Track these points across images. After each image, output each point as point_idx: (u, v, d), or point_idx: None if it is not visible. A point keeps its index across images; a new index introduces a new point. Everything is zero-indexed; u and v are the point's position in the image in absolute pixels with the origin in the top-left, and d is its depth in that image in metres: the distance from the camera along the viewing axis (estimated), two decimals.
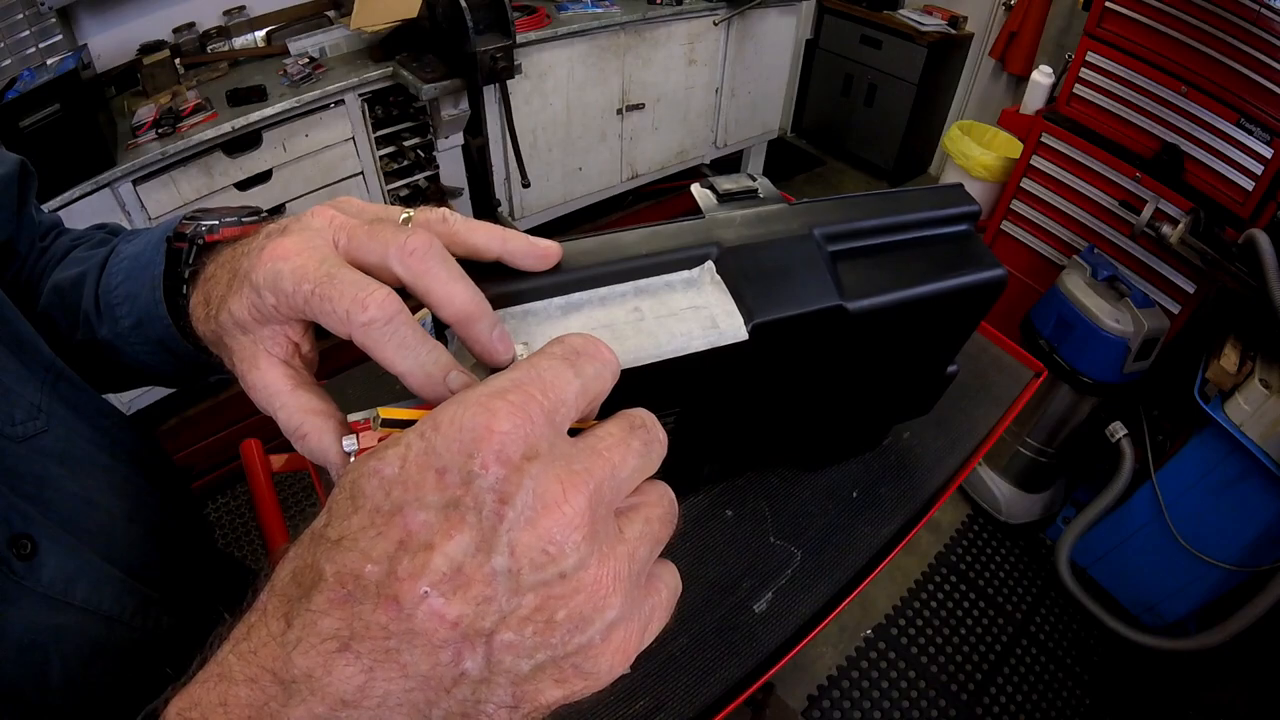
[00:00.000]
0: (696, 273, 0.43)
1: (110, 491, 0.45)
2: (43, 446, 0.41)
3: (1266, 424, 1.42)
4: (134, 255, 0.46)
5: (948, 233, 0.52)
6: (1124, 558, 1.80)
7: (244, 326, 0.32)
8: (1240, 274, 1.48)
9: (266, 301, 0.30)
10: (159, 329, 0.44)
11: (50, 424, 0.42)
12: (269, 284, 0.30)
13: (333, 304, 0.28)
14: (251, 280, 0.30)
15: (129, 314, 0.45)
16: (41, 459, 0.41)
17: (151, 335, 0.45)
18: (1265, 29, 1.47)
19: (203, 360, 0.42)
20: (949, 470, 0.76)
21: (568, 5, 2.45)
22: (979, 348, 0.88)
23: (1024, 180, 2.03)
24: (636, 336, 0.38)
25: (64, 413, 0.44)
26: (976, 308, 0.55)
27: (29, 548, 0.38)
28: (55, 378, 0.45)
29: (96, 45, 1.87)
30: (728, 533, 0.68)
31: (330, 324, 0.29)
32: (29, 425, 0.41)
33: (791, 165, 3.77)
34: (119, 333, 0.46)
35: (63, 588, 0.39)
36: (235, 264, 0.34)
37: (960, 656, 1.80)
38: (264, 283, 0.30)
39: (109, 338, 0.47)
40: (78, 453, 0.44)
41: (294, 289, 0.29)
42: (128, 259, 0.46)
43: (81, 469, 0.44)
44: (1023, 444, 1.95)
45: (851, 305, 0.46)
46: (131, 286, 0.45)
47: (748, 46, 2.87)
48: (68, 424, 0.44)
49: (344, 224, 0.31)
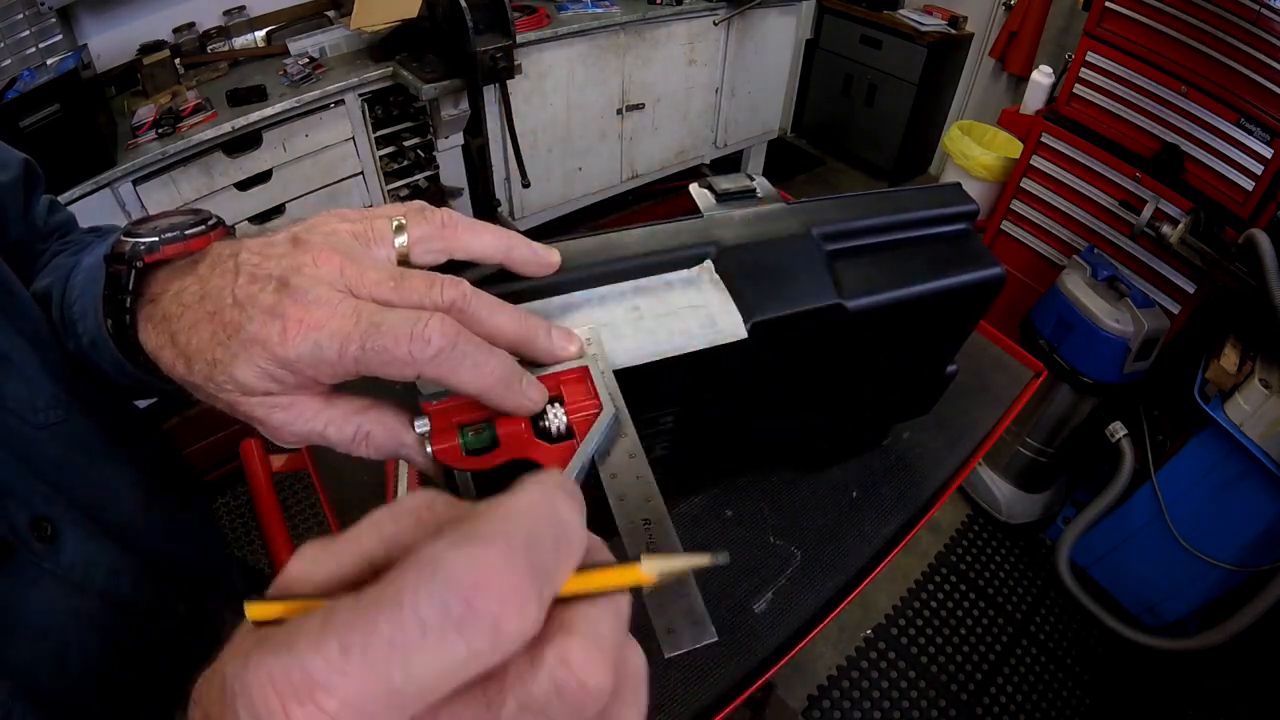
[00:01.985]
0: (695, 272, 0.43)
1: (127, 482, 0.46)
2: (64, 434, 0.42)
3: (1266, 424, 1.42)
4: (88, 268, 0.42)
5: (946, 232, 0.52)
6: (1124, 558, 1.80)
7: (254, 392, 0.30)
8: (1240, 274, 1.48)
9: (304, 374, 0.29)
10: (107, 353, 0.38)
11: (70, 415, 0.43)
12: (310, 360, 0.28)
13: (390, 352, 0.27)
14: (279, 355, 0.28)
15: (84, 332, 0.41)
16: (63, 446, 0.41)
17: (108, 357, 0.39)
18: (1265, 29, 1.47)
19: (169, 389, 0.38)
20: (949, 470, 0.76)
21: (568, 5, 2.45)
22: (979, 348, 0.88)
23: (1024, 180, 2.03)
24: (635, 335, 0.38)
25: (80, 407, 0.44)
26: (975, 307, 0.55)
27: (50, 530, 0.38)
28: (73, 374, 0.45)
29: (96, 45, 1.87)
30: (728, 533, 0.68)
31: (393, 372, 0.28)
32: (50, 413, 0.41)
33: (791, 165, 3.77)
34: (81, 349, 0.42)
35: (82, 572, 0.39)
36: (214, 308, 0.30)
37: (960, 656, 1.80)
38: (303, 358, 0.28)
39: (75, 352, 0.43)
40: (96, 443, 0.44)
41: (340, 355, 0.28)
42: (84, 271, 0.43)
43: (101, 459, 0.44)
44: (1023, 444, 1.95)
45: (850, 304, 0.46)
46: (85, 303, 0.41)
47: (748, 46, 2.87)
48: (85, 416, 0.44)
49: (357, 282, 0.29)
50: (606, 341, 0.37)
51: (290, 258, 0.30)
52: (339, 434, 0.31)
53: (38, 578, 0.37)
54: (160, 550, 0.47)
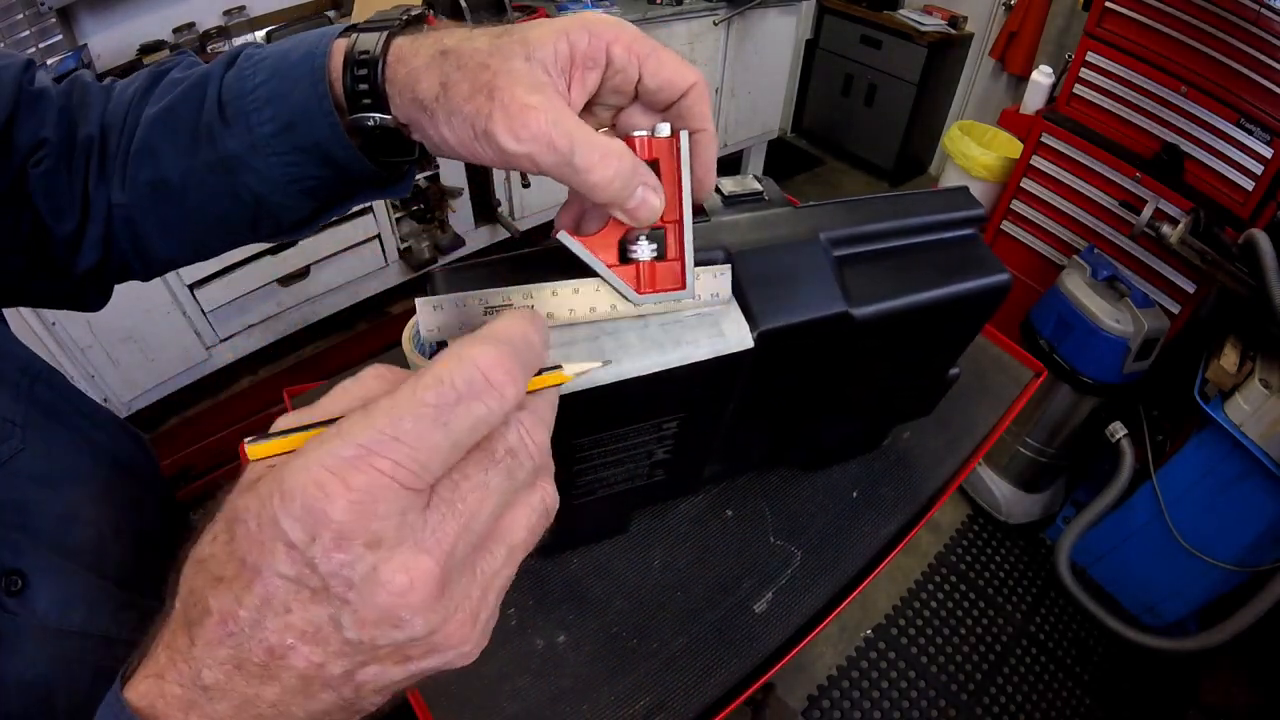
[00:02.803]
0: (707, 275, 0.43)
1: (94, 504, 0.44)
2: (19, 469, 0.40)
3: (1266, 424, 1.42)
4: (279, 54, 0.41)
5: (952, 237, 0.52)
6: (1124, 558, 1.80)
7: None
8: (1240, 274, 1.48)
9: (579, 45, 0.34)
10: (316, 130, 0.39)
11: (27, 439, 0.41)
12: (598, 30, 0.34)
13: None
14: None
15: (273, 117, 0.40)
16: (20, 483, 0.40)
17: (302, 140, 0.40)
18: (1265, 29, 1.47)
19: (354, 172, 0.41)
20: (949, 470, 0.76)
21: (567, 5, 2.45)
22: (979, 348, 0.88)
23: (1024, 180, 2.03)
24: (641, 345, 0.38)
25: (41, 421, 0.43)
26: (981, 312, 0.55)
27: (20, 584, 0.37)
28: (31, 381, 0.43)
29: (96, 45, 1.87)
30: (728, 533, 0.68)
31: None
32: (3, 448, 0.39)
33: (791, 165, 3.76)
34: (254, 142, 0.41)
35: (59, 617, 0.38)
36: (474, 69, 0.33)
37: (960, 656, 1.80)
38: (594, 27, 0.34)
39: (238, 150, 0.41)
40: (57, 467, 0.43)
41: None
42: (270, 58, 0.41)
43: (62, 485, 0.42)
44: (1023, 444, 1.95)
45: (857, 312, 0.45)
46: (278, 85, 0.40)
47: (748, 46, 2.87)
48: (45, 434, 0.43)
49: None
50: (612, 352, 0.37)
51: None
52: (587, 147, 0.33)
53: (13, 633, 0.36)
54: (137, 571, 0.45)
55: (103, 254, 0.47)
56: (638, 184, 0.33)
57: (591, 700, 0.56)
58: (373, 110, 0.37)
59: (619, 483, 0.53)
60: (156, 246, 0.47)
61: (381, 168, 0.42)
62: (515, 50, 0.33)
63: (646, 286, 0.37)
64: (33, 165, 0.43)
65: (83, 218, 0.45)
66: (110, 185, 0.44)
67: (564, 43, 0.34)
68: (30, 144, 0.43)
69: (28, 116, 0.43)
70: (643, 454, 0.50)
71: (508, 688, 0.56)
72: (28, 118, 0.43)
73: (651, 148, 0.36)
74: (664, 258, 0.37)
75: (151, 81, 0.46)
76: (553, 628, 0.60)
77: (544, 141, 0.31)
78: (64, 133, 0.44)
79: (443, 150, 0.36)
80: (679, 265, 0.37)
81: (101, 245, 0.46)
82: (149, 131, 0.43)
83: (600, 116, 0.38)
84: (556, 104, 0.32)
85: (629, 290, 0.37)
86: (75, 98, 0.46)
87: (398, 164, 0.43)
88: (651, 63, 0.35)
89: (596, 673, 0.58)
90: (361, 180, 0.43)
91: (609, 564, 0.65)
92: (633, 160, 0.33)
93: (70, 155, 0.44)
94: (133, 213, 0.45)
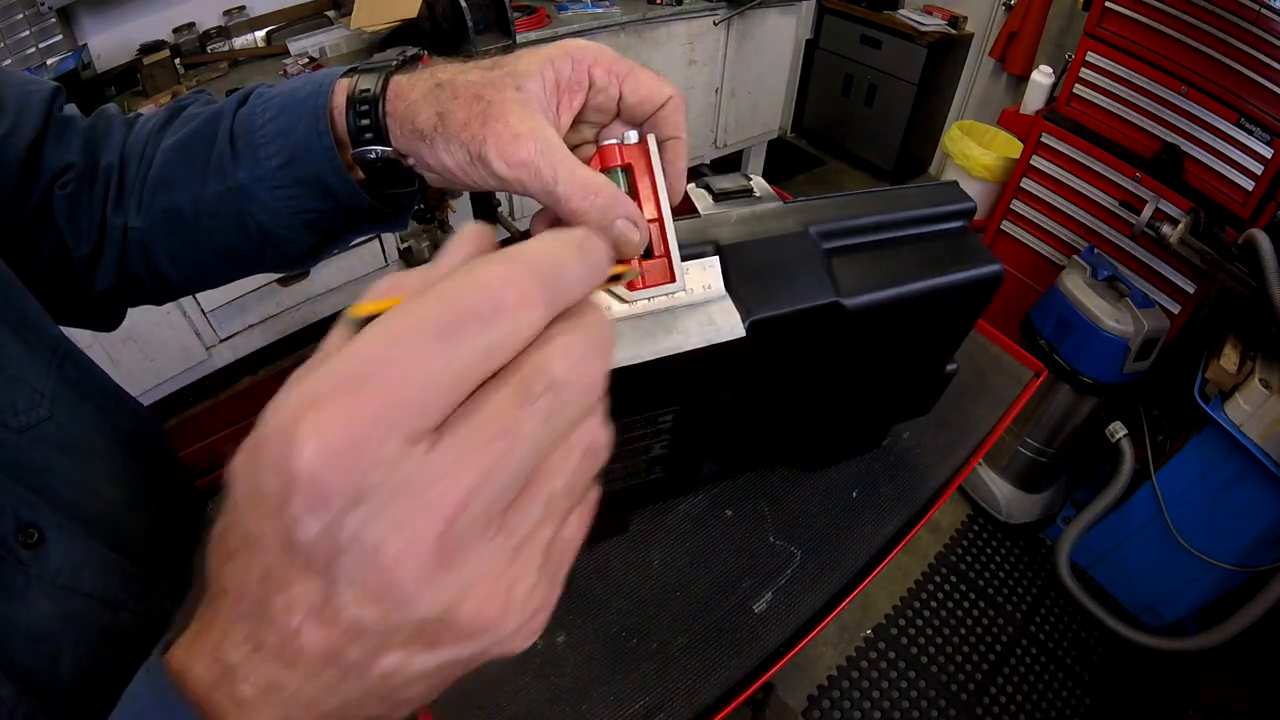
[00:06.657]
0: (697, 268, 0.43)
1: (111, 480, 0.46)
2: (45, 435, 0.41)
3: (1266, 424, 1.42)
4: (287, 93, 0.45)
5: (943, 229, 0.52)
6: (1124, 558, 1.80)
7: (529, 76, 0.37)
8: (1240, 274, 1.48)
9: (564, 70, 0.37)
10: (316, 163, 0.43)
11: (54, 410, 0.42)
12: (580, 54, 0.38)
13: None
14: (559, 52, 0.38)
15: (277, 151, 0.44)
16: (44, 448, 0.41)
17: (303, 172, 0.44)
18: (1265, 29, 1.47)
19: (352, 204, 0.44)
20: (949, 470, 0.76)
21: (568, 5, 2.45)
22: (979, 347, 0.88)
23: (1024, 180, 2.03)
24: (634, 335, 0.39)
25: (68, 395, 0.44)
26: (973, 304, 0.55)
27: (36, 536, 0.38)
28: (61, 359, 0.45)
29: (96, 45, 1.87)
30: (728, 533, 0.68)
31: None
32: (31, 414, 0.41)
33: (791, 165, 3.77)
34: (260, 174, 0.45)
35: (70, 575, 0.39)
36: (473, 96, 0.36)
37: (960, 656, 1.80)
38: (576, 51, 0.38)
39: (246, 182, 0.45)
40: (80, 439, 0.44)
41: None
42: (279, 96, 0.45)
43: (83, 457, 0.44)
44: (1023, 444, 1.95)
45: (848, 302, 0.46)
46: (285, 121, 0.44)
47: (748, 46, 2.87)
48: (72, 407, 0.44)
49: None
50: None
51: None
52: (585, 184, 0.35)
53: (26, 585, 0.37)
54: (148, 547, 0.46)
55: (117, 277, 0.50)
56: (615, 217, 0.34)
57: (591, 700, 0.56)
58: (374, 144, 0.41)
59: (616, 480, 0.53)
60: (168, 272, 0.51)
61: (384, 202, 0.46)
62: (506, 82, 0.36)
63: (637, 284, 0.38)
64: (59, 188, 0.47)
65: (100, 240, 0.49)
66: (127, 211, 0.48)
67: (550, 71, 0.37)
68: (58, 167, 0.47)
69: (56, 140, 0.47)
70: (640, 449, 0.50)
71: (508, 688, 0.56)
72: (56, 142, 0.47)
73: (624, 154, 0.38)
74: (650, 256, 0.38)
75: (170, 115, 0.50)
76: (552, 628, 0.60)
77: (531, 169, 0.34)
78: (88, 159, 0.48)
79: (440, 176, 0.39)
80: (666, 261, 0.39)
81: (116, 268, 0.50)
82: (165, 161, 0.47)
83: (586, 133, 0.41)
84: (545, 133, 0.34)
85: (621, 290, 0.38)
86: (100, 129, 0.50)
87: (399, 197, 0.46)
88: (630, 81, 0.38)
89: (596, 673, 0.58)
90: (360, 213, 0.46)
91: (608, 564, 0.65)
92: (611, 194, 0.34)
93: (92, 180, 0.48)
94: (147, 238, 0.49)
